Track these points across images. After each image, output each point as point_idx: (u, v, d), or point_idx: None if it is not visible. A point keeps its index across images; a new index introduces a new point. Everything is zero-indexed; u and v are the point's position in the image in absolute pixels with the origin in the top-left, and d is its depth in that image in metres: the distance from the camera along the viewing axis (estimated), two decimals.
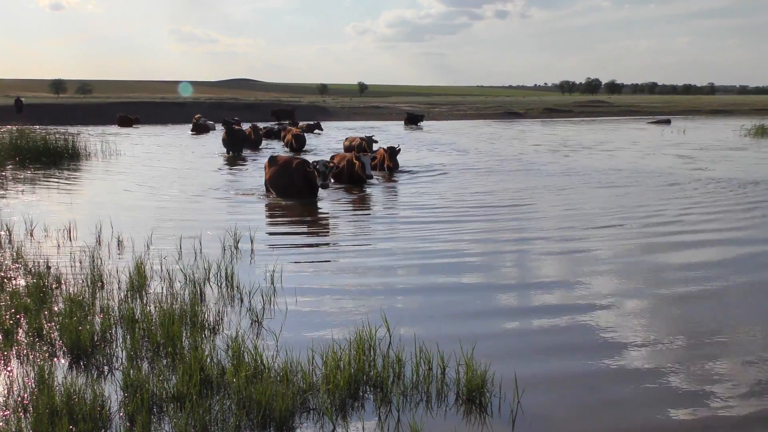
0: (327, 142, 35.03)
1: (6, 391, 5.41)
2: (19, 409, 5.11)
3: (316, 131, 43.34)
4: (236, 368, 5.71)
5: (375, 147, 23.78)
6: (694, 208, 14.48)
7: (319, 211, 14.77)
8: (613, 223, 12.90)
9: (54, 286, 8.16)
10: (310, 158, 17.42)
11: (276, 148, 31.46)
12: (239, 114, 54.39)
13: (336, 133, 43.85)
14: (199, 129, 42.95)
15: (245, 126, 33.74)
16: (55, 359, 6.14)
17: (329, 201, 15.81)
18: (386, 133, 42.70)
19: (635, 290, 8.71)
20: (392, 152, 20.71)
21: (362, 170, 17.85)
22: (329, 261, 10.44)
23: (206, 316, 7.26)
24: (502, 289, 8.79)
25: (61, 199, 16.31)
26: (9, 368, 5.89)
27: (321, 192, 15.77)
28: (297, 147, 29.01)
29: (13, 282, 8.27)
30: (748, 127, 41.64)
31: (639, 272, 9.57)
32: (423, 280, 9.20)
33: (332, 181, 16.03)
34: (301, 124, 42.36)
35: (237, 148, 27.95)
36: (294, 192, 15.62)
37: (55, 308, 7.25)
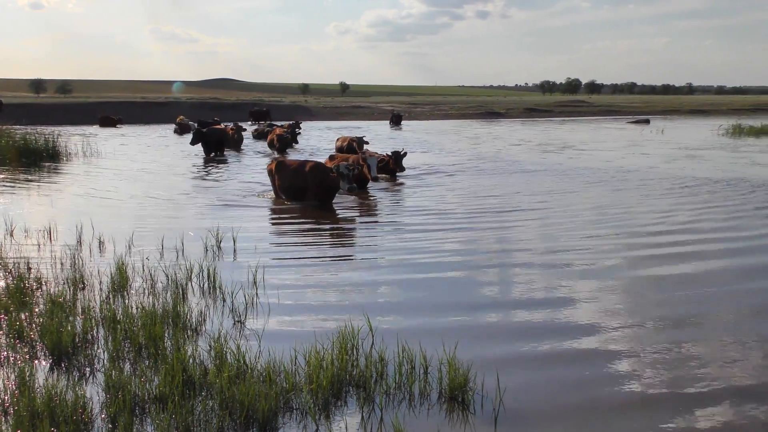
0: (312, 142, 34.90)
1: None
2: None
3: (296, 130, 43.10)
4: (219, 369, 5.71)
5: (365, 148, 23.43)
6: (679, 211, 14.58)
7: (314, 213, 14.38)
8: (613, 227, 13.06)
9: (35, 286, 8.11)
10: (295, 158, 17.29)
11: (256, 147, 31.41)
12: (222, 114, 54.18)
13: (319, 133, 43.72)
14: (183, 129, 42.69)
15: (228, 125, 33.22)
16: (36, 361, 6.10)
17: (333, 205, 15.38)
18: (372, 133, 42.56)
19: (617, 293, 8.80)
20: (398, 156, 20.32)
21: (368, 172, 17.43)
22: (313, 262, 10.43)
23: (189, 316, 7.24)
24: (487, 291, 8.85)
25: (42, 200, 16.19)
26: None
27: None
28: (280, 147, 28.46)
29: None
30: (726, 127, 42.19)
31: (625, 275, 9.67)
32: (408, 283, 9.22)
33: (355, 186, 15.47)
34: (283, 124, 42.15)
35: (214, 148, 27.31)
36: (309, 196, 15.06)
37: (36, 309, 7.20)
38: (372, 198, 16.84)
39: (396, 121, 56.41)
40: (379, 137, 38.02)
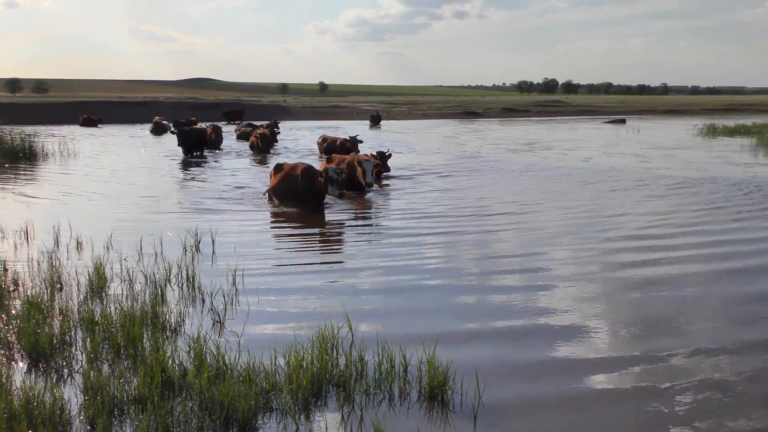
0: (295, 143, 34.69)
1: None
2: None
3: (275, 130, 42.82)
4: (198, 369, 5.70)
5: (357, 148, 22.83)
6: (663, 213, 14.53)
7: (298, 217, 14.05)
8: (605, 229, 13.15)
9: (11, 288, 8.05)
10: (277, 160, 17.01)
11: (232, 145, 31.29)
12: (201, 113, 53.95)
13: (303, 133, 43.47)
14: (159, 129, 42.38)
15: (204, 125, 32.88)
16: (13, 363, 6.06)
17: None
18: (353, 133, 42.36)
19: (590, 288, 8.88)
20: (382, 157, 19.38)
21: (363, 177, 16.41)
22: (291, 260, 10.43)
23: (167, 317, 7.22)
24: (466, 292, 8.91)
25: (18, 200, 15.98)
26: None
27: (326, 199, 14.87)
28: (263, 146, 28.00)
29: None
30: (700, 127, 42.74)
31: (599, 270, 9.77)
32: (386, 283, 9.26)
33: (345, 191, 14.72)
34: (262, 124, 41.88)
35: (195, 148, 27.04)
36: (298, 200, 14.59)
37: (13, 311, 7.15)
38: (363, 200, 16.29)
39: (375, 121, 56.30)
40: (363, 138, 37.77)
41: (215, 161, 25.47)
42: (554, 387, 5.92)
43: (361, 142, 23.94)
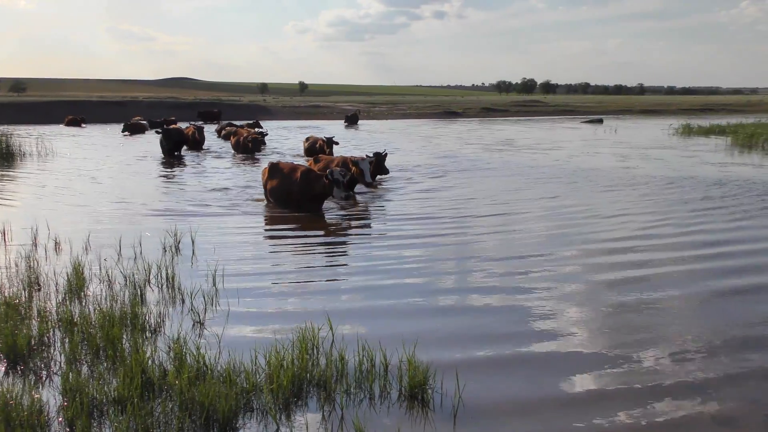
0: (276, 142, 34.54)
1: None
2: None
3: (258, 129, 42.70)
4: (178, 370, 5.69)
5: (336, 149, 22.70)
6: (653, 216, 14.64)
7: (286, 218, 13.85)
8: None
9: None
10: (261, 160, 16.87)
11: (213, 146, 31.15)
12: (180, 113, 53.70)
13: (285, 132, 43.30)
14: (133, 129, 42.01)
15: (184, 125, 32.63)
16: None
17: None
18: (331, 134, 42.20)
19: (572, 283, 8.95)
20: (379, 157, 18.34)
21: (361, 177, 16.10)
22: (273, 261, 10.41)
23: (147, 317, 7.19)
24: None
25: None
26: None
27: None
28: (253, 148, 27.56)
29: None
30: (676, 127, 43.22)
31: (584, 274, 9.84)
32: (367, 282, 9.27)
33: (351, 193, 14.30)
34: (242, 124, 41.71)
35: (176, 149, 26.80)
36: (295, 203, 14.26)
37: None
38: (359, 202, 15.89)
39: (352, 120, 55.36)
40: (345, 138, 37.72)
41: (197, 162, 25.22)
42: (536, 381, 5.97)
43: (336, 143, 23.89)
